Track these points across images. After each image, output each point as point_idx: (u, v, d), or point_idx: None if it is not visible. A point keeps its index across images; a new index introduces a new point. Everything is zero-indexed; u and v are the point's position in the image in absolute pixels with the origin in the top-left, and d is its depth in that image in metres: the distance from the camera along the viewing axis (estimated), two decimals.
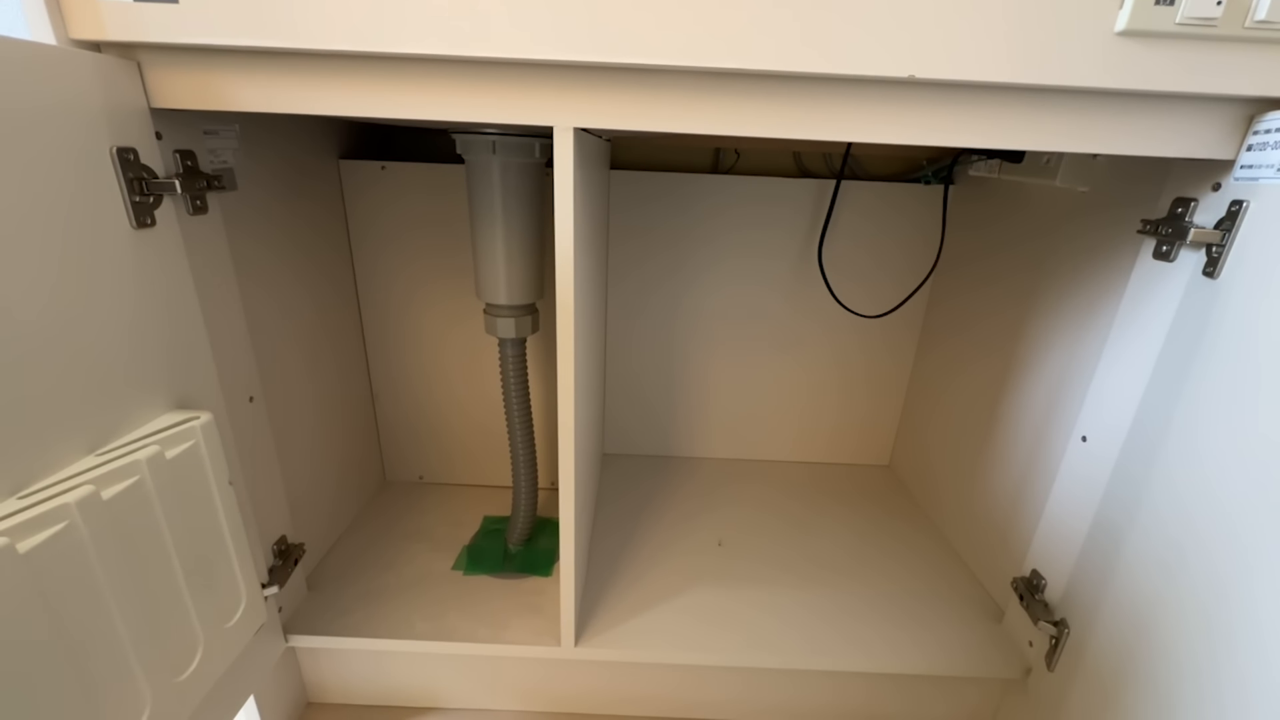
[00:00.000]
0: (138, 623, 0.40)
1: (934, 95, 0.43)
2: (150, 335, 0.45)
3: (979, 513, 0.79)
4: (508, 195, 0.62)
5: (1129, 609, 0.51)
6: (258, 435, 0.60)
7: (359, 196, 0.79)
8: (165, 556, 0.43)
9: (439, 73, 0.43)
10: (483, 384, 0.88)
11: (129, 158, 0.42)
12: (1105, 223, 0.60)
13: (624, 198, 0.88)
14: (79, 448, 0.39)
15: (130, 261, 0.43)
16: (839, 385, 0.99)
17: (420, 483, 0.96)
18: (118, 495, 0.38)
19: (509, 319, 0.67)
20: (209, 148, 0.52)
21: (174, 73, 0.43)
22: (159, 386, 0.46)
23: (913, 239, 0.88)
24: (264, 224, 0.62)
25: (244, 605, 0.52)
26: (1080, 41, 0.40)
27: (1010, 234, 0.75)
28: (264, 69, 0.43)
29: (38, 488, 0.36)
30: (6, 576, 0.31)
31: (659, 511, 0.89)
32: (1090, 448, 0.58)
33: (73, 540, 0.35)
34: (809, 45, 0.41)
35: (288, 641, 0.64)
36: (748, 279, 0.92)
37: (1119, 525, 0.54)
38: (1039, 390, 0.68)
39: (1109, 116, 0.44)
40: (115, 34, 0.40)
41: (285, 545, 0.64)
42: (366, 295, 0.84)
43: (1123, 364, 0.55)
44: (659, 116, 0.45)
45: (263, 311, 0.61)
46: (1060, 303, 0.66)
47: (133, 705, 0.40)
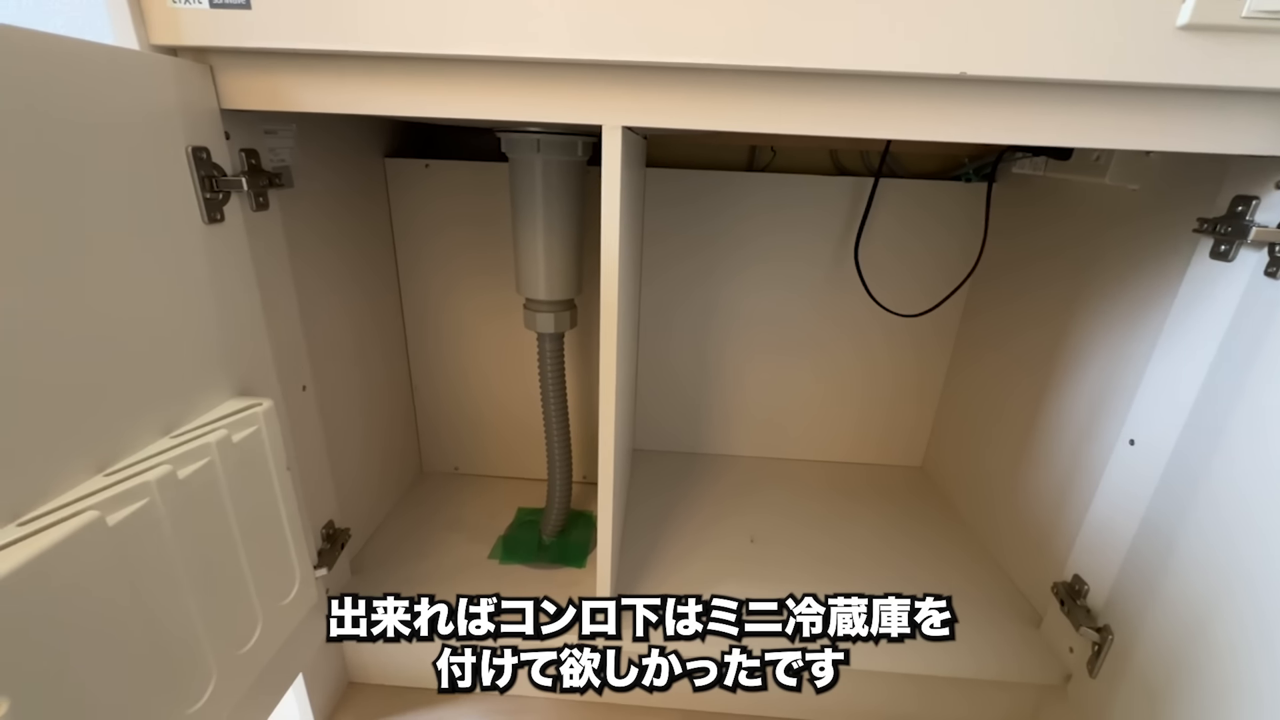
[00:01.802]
0: (205, 596, 0.42)
1: (985, 92, 0.43)
2: (218, 325, 0.47)
3: (1017, 516, 0.77)
4: (550, 192, 0.63)
5: (1180, 616, 0.50)
6: (309, 423, 0.63)
7: (403, 194, 0.81)
8: (230, 534, 0.45)
9: (492, 73, 0.45)
10: (518, 378, 0.90)
11: (202, 156, 0.44)
12: (1157, 221, 0.58)
13: (659, 195, 0.88)
14: (156, 430, 0.41)
15: (202, 255, 0.45)
16: (872, 386, 0.99)
17: (456, 473, 0.98)
18: (191, 475, 0.40)
19: (548, 314, 0.69)
20: (269, 147, 0.54)
21: (243, 75, 0.46)
22: (225, 374, 0.48)
23: (952, 237, 0.87)
24: (315, 220, 0.64)
25: (298, 585, 0.54)
26: (1141, 36, 0.39)
27: (1055, 233, 0.74)
28: (326, 71, 0.45)
29: (121, 466, 0.38)
30: (98, 546, 0.33)
31: (690, 508, 0.90)
32: (1138, 451, 0.57)
33: (152, 516, 0.37)
34: (859, 43, 0.41)
35: None
36: (782, 278, 0.92)
37: (1169, 530, 0.52)
38: (1083, 392, 0.67)
39: (1169, 112, 0.43)
40: (192, 39, 0.43)
41: (333, 530, 0.67)
42: (408, 289, 0.86)
43: (1175, 366, 0.54)
44: (706, 115, 0.45)
45: (313, 304, 0.64)
46: (1107, 303, 0.64)
47: (201, 674, 0.42)
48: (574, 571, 0.75)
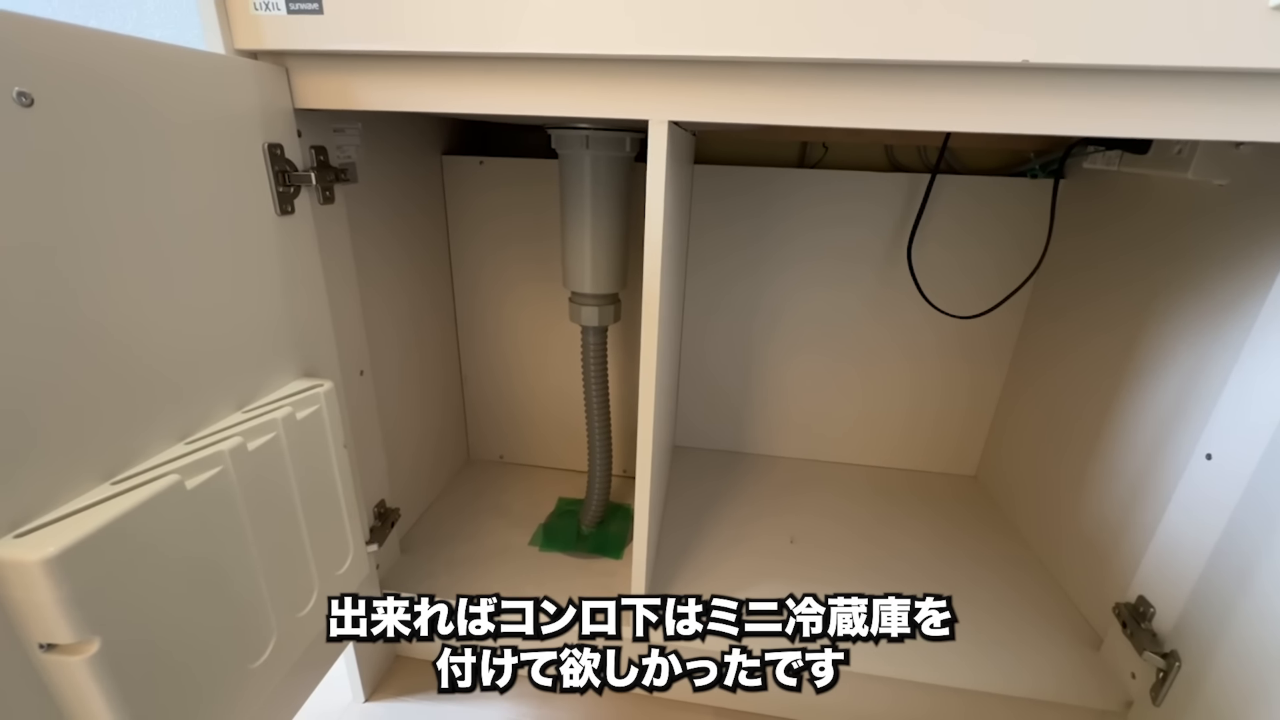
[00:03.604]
0: (269, 559, 0.45)
1: (1052, 80, 0.41)
2: (288, 310, 0.51)
3: (1078, 531, 0.73)
4: (597, 188, 0.64)
5: (1258, 646, 0.46)
6: (366, 406, 0.66)
7: (458, 189, 0.84)
8: (292, 504, 0.48)
9: (546, 70, 0.46)
10: (563, 371, 0.92)
11: (277, 153, 0.48)
12: (1246, 219, 0.54)
13: (706, 192, 0.88)
14: (230, 405, 0.45)
15: (275, 245, 0.48)
16: (923, 390, 0.95)
17: (500, 462, 1.01)
18: (260, 447, 0.44)
19: (593, 307, 0.70)
20: (337, 144, 0.57)
21: (316, 76, 0.49)
22: (292, 356, 0.52)
23: (1012, 237, 0.83)
24: (377, 214, 0.68)
25: (351, 557, 0.57)
26: (1231, 17, 0.37)
27: (1129, 232, 0.69)
28: (390, 71, 0.48)
29: (199, 435, 0.41)
30: (178, 506, 0.37)
31: (729, 506, 0.89)
32: (1216, 466, 0.53)
33: (225, 482, 0.41)
34: (909, 31, 0.40)
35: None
36: (831, 277, 0.90)
37: (1250, 552, 0.48)
38: (1157, 402, 0.63)
39: (1262, 99, 0.40)
40: (271, 43, 0.46)
41: (384, 509, 0.70)
42: (460, 282, 0.89)
43: (1261, 376, 0.50)
44: (751, 109, 0.45)
45: (373, 293, 0.67)
46: (1185, 308, 0.60)
47: (264, 632, 0.46)
48: (610, 562, 0.76)
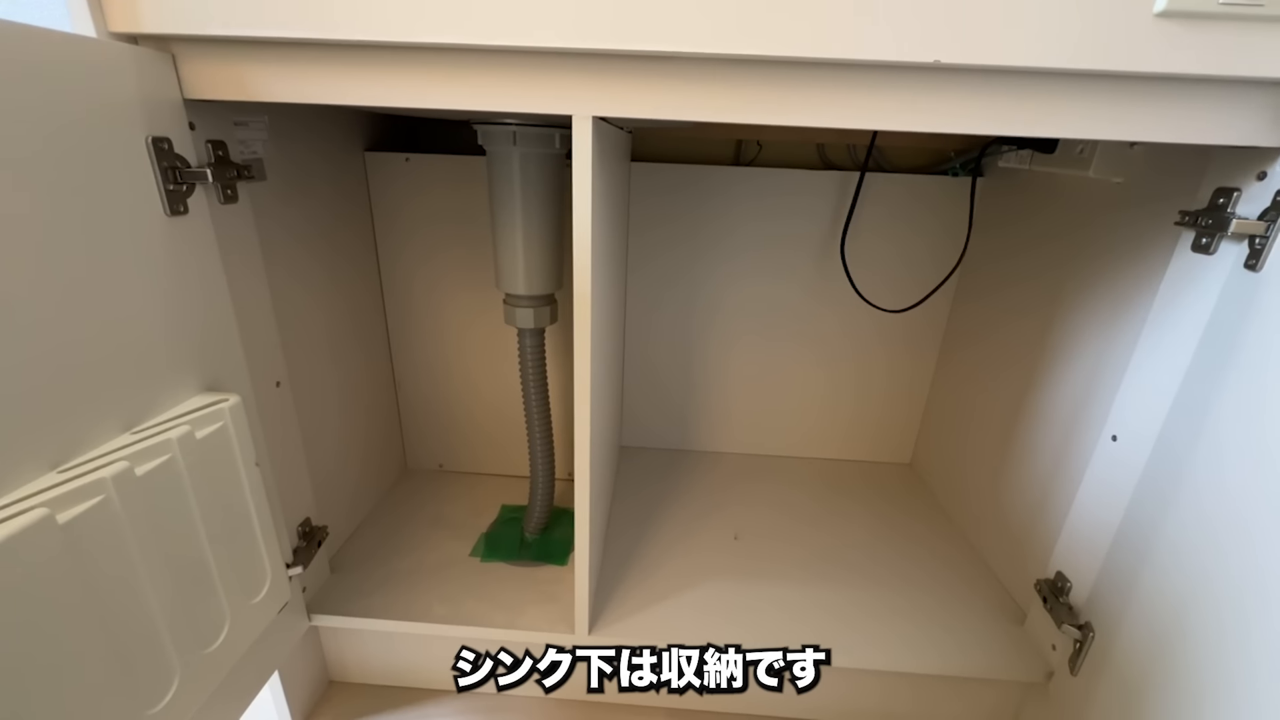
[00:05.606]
0: (168, 594, 0.41)
1: (962, 81, 0.42)
2: (182, 319, 0.46)
3: (1002, 513, 0.77)
4: (527, 186, 0.63)
5: (1157, 613, 0.50)
6: (284, 419, 0.62)
7: (384, 188, 0.80)
8: (194, 532, 0.44)
9: (460, 62, 0.44)
10: (503, 374, 0.89)
11: (163, 147, 0.43)
12: (1141, 215, 0.58)
13: (644, 190, 0.88)
14: (115, 426, 0.40)
15: (164, 248, 0.44)
16: (860, 382, 0.98)
17: (440, 470, 0.97)
18: (150, 472, 0.40)
19: (528, 309, 0.68)
20: (239, 138, 0.53)
21: (206, 64, 0.45)
22: (190, 369, 0.47)
23: (938, 232, 0.86)
24: (292, 213, 0.63)
25: (269, 583, 0.53)
26: (1117, 23, 0.39)
27: (1041, 227, 0.73)
28: (293, 60, 0.44)
29: (76, 462, 0.37)
30: (46, 545, 0.33)
31: (675, 505, 0.89)
32: (1120, 447, 0.56)
33: (108, 513, 0.37)
34: (830, 31, 0.40)
35: (311, 621, 0.66)
36: (768, 273, 0.91)
37: (1148, 527, 0.52)
38: (1067, 388, 0.66)
39: (1148, 102, 0.42)
40: (151, 26, 0.42)
41: (309, 527, 0.66)
42: (390, 284, 0.85)
43: (1156, 360, 0.53)
44: (677, 105, 0.44)
45: (290, 299, 0.63)
46: (1091, 298, 0.64)
47: (163, 674, 0.42)
48: (555, 569, 0.75)
